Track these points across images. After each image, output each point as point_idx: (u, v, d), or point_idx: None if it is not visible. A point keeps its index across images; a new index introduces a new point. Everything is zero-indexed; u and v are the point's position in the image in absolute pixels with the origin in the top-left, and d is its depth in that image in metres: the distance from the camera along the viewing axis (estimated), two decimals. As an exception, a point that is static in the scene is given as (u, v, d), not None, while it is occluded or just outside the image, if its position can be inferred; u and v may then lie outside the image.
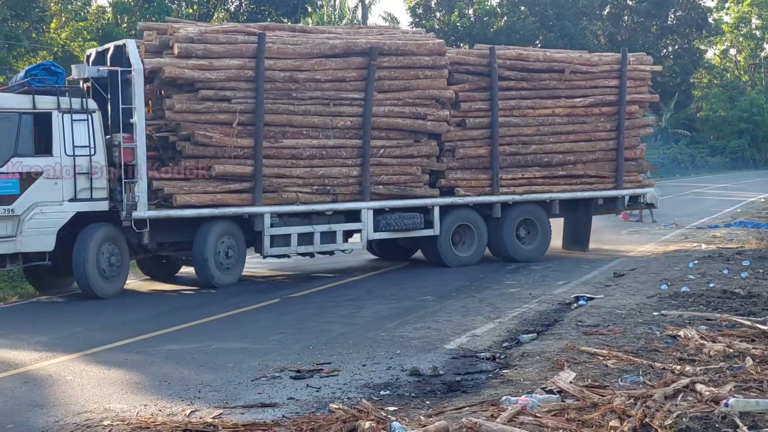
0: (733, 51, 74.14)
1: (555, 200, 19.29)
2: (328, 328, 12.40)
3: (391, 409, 8.17)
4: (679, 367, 9.01)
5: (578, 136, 19.54)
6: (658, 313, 12.12)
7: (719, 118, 62.40)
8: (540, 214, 19.24)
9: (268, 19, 34.99)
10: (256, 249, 17.03)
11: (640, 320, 11.79)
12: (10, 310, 14.82)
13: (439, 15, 54.09)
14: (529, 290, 15.28)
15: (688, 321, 11.47)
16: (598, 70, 19.71)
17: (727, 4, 71.80)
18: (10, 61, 29.83)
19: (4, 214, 14.45)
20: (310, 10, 39.88)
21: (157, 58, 15.81)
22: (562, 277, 16.76)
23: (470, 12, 54.07)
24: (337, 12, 52.85)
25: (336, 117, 17.04)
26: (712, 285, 14.36)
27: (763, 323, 10.93)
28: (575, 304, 13.60)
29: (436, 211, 18.06)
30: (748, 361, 9.10)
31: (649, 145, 50.98)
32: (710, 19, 64.53)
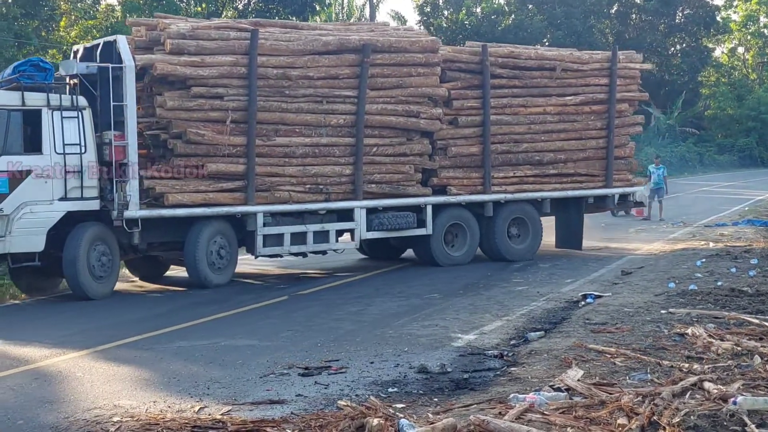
0: (741, 49, 73.85)
1: (546, 199, 19.22)
2: (336, 326, 12.43)
3: (399, 406, 8.20)
4: (687, 365, 9.02)
5: (569, 135, 19.46)
6: (665, 311, 12.13)
7: (727, 116, 62.19)
8: (531, 213, 19.13)
9: (276, 17, 35.00)
10: (247, 249, 16.70)
11: (648, 318, 11.80)
12: (10, 310, 14.74)
13: (446, 13, 54.04)
14: (536, 288, 15.28)
15: (696, 319, 11.48)
16: (588, 68, 19.63)
17: (735, 3, 71.49)
18: (20, 59, 29.84)
19: None
20: (318, 8, 39.88)
21: (148, 55, 15.46)
22: (570, 275, 16.76)
23: (478, 10, 53.98)
24: (345, 10, 52.79)
25: (329, 115, 16.83)
26: (719, 283, 14.37)
27: (771, 321, 10.94)
28: (583, 302, 13.62)
29: (429, 210, 17.90)
30: (756, 360, 9.11)
31: (657, 143, 51.37)
32: (718, 18, 64.26)
